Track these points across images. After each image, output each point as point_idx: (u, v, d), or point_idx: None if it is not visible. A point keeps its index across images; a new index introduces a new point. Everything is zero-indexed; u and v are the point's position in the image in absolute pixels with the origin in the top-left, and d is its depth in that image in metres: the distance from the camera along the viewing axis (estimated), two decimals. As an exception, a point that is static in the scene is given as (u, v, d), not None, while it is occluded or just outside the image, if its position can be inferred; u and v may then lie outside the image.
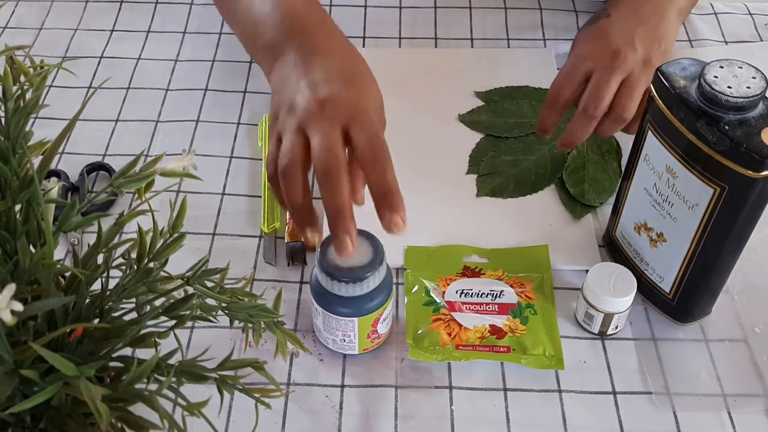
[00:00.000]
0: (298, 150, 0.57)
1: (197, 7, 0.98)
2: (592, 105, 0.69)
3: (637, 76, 0.70)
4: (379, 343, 0.64)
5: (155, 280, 0.48)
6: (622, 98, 0.70)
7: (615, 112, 0.70)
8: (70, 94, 0.86)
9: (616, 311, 0.63)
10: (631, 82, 0.70)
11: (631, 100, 0.69)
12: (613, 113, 0.70)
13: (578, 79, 0.71)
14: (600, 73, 0.70)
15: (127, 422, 0.43)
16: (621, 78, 0.70)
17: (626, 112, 0.70)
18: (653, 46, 0.72)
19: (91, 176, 0.79)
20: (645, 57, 0.71)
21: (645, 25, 0.72)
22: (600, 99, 0.69)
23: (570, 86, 0.72)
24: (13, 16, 0.96)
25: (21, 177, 0.45)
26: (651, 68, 0.70)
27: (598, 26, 0.74)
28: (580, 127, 0.71)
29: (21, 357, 0.40)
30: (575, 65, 0.72)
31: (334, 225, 0.54)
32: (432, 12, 0.97)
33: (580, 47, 0.74)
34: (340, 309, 0.60)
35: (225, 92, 0.87)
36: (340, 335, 0.62)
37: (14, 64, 0.46)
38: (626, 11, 0.74)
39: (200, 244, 0.72)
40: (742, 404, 0.62)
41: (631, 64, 0.70)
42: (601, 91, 0.69)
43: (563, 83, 0.72)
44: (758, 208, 0.57)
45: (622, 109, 0.69)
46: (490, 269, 0.70)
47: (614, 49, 0.70)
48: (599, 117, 0.70)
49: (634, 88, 0.70)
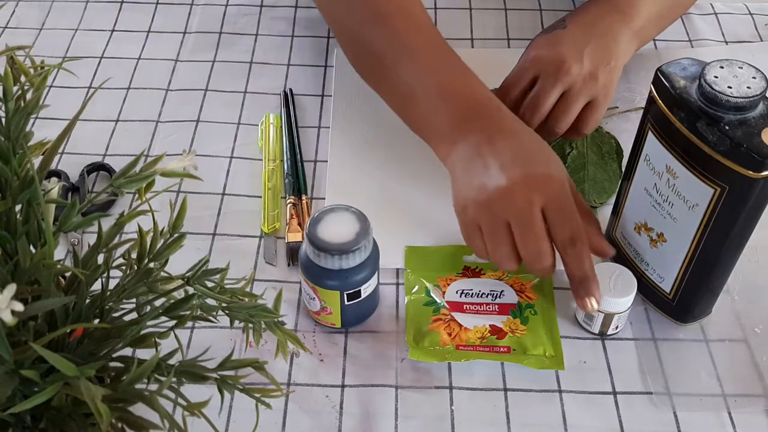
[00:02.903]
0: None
1: (197, 7, 0.98)
2: (528, 113, 0.72)
3: (577, 90, 0.72)
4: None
5: (155, 280, 0.48)
6: (557, 111, 0.72)
7: (549, 124, 0.72)
8: (70, 94, 0.86)
9: (616, 311, 0.63)
10: (570, 96, 0.72)
11: (566, 115, 0.72)
12: (548, 125, 0.72)
13: (524, 84, 0.73)
14: (542, 82, 0.72)
15: (127, 422, 0.43)
16: (561, 90, 0.71)
17: (558, 126, 0.72)
18: (601, 63, 0.73)
19: (91, 176, 0.79)
20: (591, 71, 0.72)
21: (596, 42, 0.73)
22: (537, 109, 0.72)
23: (516, 89, 0.74)
24: (13, 16, 0.96)
25: (21, 177, 0.45)
26: (595, 83, 0.72)
27: (553, 35, 0.75)
28: None
29: (21, 357, 0.40)
30: (523, 70, 0.74)
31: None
32: (432, 12, 0.97)
33: (531, 52, 0.75)
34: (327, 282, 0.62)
35: (225, 92, 0.87)
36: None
37: (15, 64, 0.46)
38: (582, 27, 0.75)
39: (200, 244, 0.72)
40: (742, 404, 0.62)
41: (574, 77, 0.71)
42: (539, 101, 0.71)
43: (510, 86, 0.74)
44: (758, 208, 0.57)
45: (555, 122, 0.72)
46: (490, 269, 0.70)
47: (561, 59, 0.71)
48: (536, 125, 0.72)
49: (572, 103, 0.72)
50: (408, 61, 0.70)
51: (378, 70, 0.73)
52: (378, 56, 0.72)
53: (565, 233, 0.59)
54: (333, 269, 0.61)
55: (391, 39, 0.71)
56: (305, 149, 0.80)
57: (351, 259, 0.60)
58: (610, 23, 0.76)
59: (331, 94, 0.86)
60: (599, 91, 0.73)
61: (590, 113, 0.73)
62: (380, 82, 0.74)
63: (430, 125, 0.69)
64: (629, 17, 0.77)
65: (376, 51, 0.72)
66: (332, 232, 0.61)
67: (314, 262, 0.61)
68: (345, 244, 0.60)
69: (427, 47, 0.71)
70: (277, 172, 0.78)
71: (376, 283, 0.65)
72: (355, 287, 0.62)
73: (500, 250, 0.60)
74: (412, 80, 0.69)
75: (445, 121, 0.66)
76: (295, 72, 0.89)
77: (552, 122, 0.72)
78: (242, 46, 0.92)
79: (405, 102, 0.71)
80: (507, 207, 0.60)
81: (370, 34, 0.73)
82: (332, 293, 0.62)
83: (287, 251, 0.71)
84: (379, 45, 0.72)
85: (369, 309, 0.67)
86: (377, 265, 0.64)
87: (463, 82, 0.69)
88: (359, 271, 0.62)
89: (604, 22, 0.76)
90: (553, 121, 0.72)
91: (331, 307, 0.64)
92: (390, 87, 0.73)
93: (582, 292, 0.60)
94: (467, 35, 0.94)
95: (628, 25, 0.76)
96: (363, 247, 0.61)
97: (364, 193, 0.75)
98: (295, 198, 0.75)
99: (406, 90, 0.70)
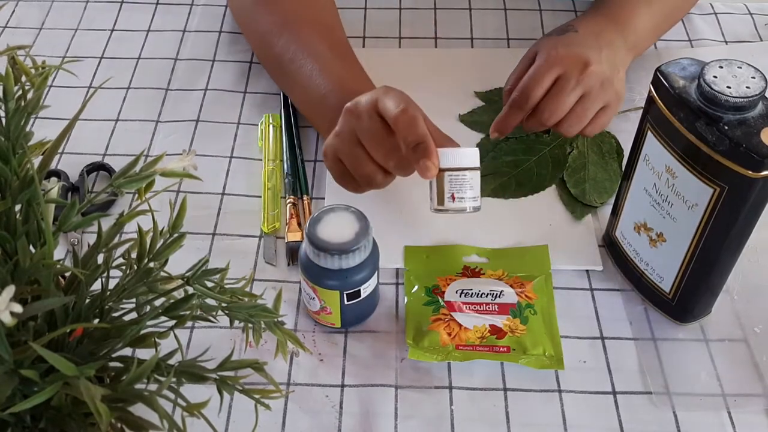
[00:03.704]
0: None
1: (197, 7, 0.98)
2: (547, 113, 0.71)
3: (595, 95, 0.72)
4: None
5: (155, 280, 0.48)
6: (572, 114, 0.72)
7: (562, 127, 0.72)
8: (70, 94, 0.86)
9: (444, 167, 0.61)
10: (588, 100, 0.72)
11: (580, 119, 0.72)
12: (561, 128, 0.73)
13: (547, 83, 0.72)
14: (564, 82, 0.71)
15: (126, 422, 0.43)
16: (582, 92, 0.71)
17: (568, 129, 0.73)
18: (614, 69, 0.73)
19: (91, 176, 0.79)
20: (608, 77, 0.72)
21: (607, 51, 0.74)
22: (556, 109, 0.71)
23: (541, 87, 0.71)
24: (13, 16, 0.96)
25: (21, 177, 0.45)
26: (611, 88, 0.72)
27: (568, 37, 0.75)
28: (528, 127, 0.74)
29: (21, 357, 0.40)
30: (547, 67, 0.72)
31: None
32: (432, 12, 0.97)
33: (551, 51, 0.73)
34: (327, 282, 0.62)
35: (225, 92, 0.87)
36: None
37: (15, 64, 0.46)
38: (591, 35, 0.76)
39: (200, 244, 0.72)
40: (742, 404, 0.62)
41: (594, 80, 0.71)
42: (559, 102, 0.71)
43: (533, 84, 0.72)
44: (758, 208, 0.57)
45: (567, 125, 0.72)
46: (490, 269, 0.70)
47: (586, 61, 0.71)
48: (552, 125, 0.72)
49: (588, 107, 0.72)
50: (311, 66, 0.76)
51: (284, 73, 0.80)
52: (284, 60, 0.78)
53: (391, 112, 0.62)
54: (333, 269, 0.61)
55: (296, 45, 0.78)
56: (305, 149, 0.80)
57: (351, 259, 0.60)
58: (611, 36, 0.76)
59: (330, 94, 0.86)
60: (612, 97, 0.73)
61: (601, 117, 0.73)
62: (287, 88, 0.82)
63: (324, 122, 0.73)
64: (626, 32, 0.78)
65: (280, 55, 0.79)
66: (332, 232, 0.61)
67: (314, 261, 0.61)
68: (345, 244, 0.60)
69: (330, 52, 0.77)
70: (277, 172, 0.78)
71: (375, 283, 0.65)
72: (354, 287, 0.62)
73: (361, 163, 0.65)
74: (313, 83, 0.75)
75: (333, 116, 0.69)
76: (295, 72, 0.89)
77: (565, 125, 0.72)
78: (242, 46, 0.92)
79: (309, 106, 0.78)
80: (350, 125, 0.65)
81: (276, 40, 0.79)
82: (332, 293, 0.62)
83: (287, 251, 0.71)
84: (284, 50, 0.79)
85: (369, 309, 0.67)
86: (377, 265, 0.64)
87: (359, 82, 0.74)
88: (359, 271, 0.62)
89: (606, 34, 0.76)
90: (566, 124, 0.72)
91: (330, 307, 0.64)
92: (295, 93, 0.80)
93: (418, 155, 0.60)
94: (467, 35, 0.94)
95: (624, 40, 0.77)
96: (363, 247, 0.61)
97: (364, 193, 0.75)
98: (294, 198, 0.75)
99: (309, 95, 0.76)
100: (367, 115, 0.64)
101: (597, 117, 0.73)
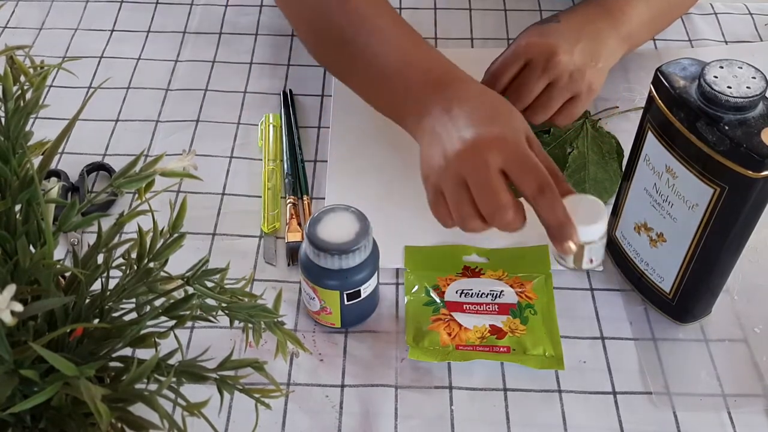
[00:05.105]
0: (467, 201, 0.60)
1: (197, 7, 0.98)
2: (511, 100, 0.72)
3: (562, 85, 0.73)
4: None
5: (155, 280, 0.48)
6: (537, 103, 0.73)
7: (527, 115, 0.73)
8: (70, 94, 0.86)
9: (586, 241, 0.59)
10: (554, 89, 0.73)
11: (545, 108, 0.73)
12: (527, 116, 0.71)
13: (514, 70, 0.74)
14: (530, 71, 0.73)
15: (127, 422, 0.43)
16: (547, 81, 0.73)
17: (535, 118, 0.74)
18: (590, 62, 0.74)
19: (91, 176, 0.79)
20: (579, 67, 0.73)
21: (586, 42, 0.74)
22: (520, 97, 0.73)
23: (507, 74, 0.74)
24: (13, 16, 0.96)
25: (21, 177, 0.45)
26: (581, 80, 0.73)
27: (547, 27, 0.76)
28: None
29: (21, 357, 0.40)
30: (514, 56, 0.74)
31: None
32: (432, 12, 0.97)
33: (523, 40, 0.75)
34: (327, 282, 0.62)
35: (225, 92, 0.87)
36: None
37: (14, 64, 0.46)
38: (573, 25, 0.76)
39: (200, 244, 0.72)
40: (742, 404, 0.62)
41: (562, 70, 0.72)
42: (524, 90, 0.73)
43: (501, 71, 0.75)
44: (758, 208, 0.57)
45: (533, 113, 0.73)
46: (490, 269, 0.70)
47: (553, 50, 0.72)
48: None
49: (554, 96, 0.73)
50: (376, 43, 0.70)
51: (344, 55, 0.73)
52: (344, 41, 0.72)
53: (531, 185, 0.58)
54: (333, 269, 0.61)
55: (358, 23, 0.72)
56: (305, 149, 0.80)
57: (351, 259, 0.60)
58: (600, 26, 0.76)
59: (331, 94, 0.86)
60: (583, 88, 0.73)
61: (570, 108, 0.74)
62: (348, 67, 0.75)
63: (399, 103, 0.69)
64: (619, 23, 0.78)
65: (341, 36, 0.72)
66: (332, 232, 0.61)
67: (314, 262, 0.61)
68: (345, 244, 0.60)
69: (393, 27, 0.72)
70: (277, 172, 0.78)
71: (375, 283, 0.65)
72: (354, 287, 0.62)
73: (461, 209, 0.60)
74: (380, 61, 0.70)
75: (413, 96, 0.67)
76: (295, 72, 0.89)
77: (529, 112, 0.73)
78: (242, 46, 0.92)
79: (375, 84, 0.72)
80: (463, 167, 0.59)
81: (335, 20, 0.73)
82: (332, 293, 0.62)
83: (287, 251, 0.71)
84: (344, 30, 0.72)
85: (369, 309, 0.67)
86: (377, 265, 0.64)
87: (430, 56, 0.70)
88: (359, 271, 0.62)
89: (594, 24, 0.76)
90: (530, 112, 0.73)
91: (330, 307, 0.64)
92: (358, 71, 0.73)
93: (560, 237, 0.58)
94: (467, 35, 0.94)
95: (616, 30, 0.77)
96: (363, 247, 0.61)
97: (364, 193, 0.75)
98: (294, 198, 0.75)
99: (374, 72, 0.70)
100: (484, 166, 0.58)
101: (565, 107, 0.74)
